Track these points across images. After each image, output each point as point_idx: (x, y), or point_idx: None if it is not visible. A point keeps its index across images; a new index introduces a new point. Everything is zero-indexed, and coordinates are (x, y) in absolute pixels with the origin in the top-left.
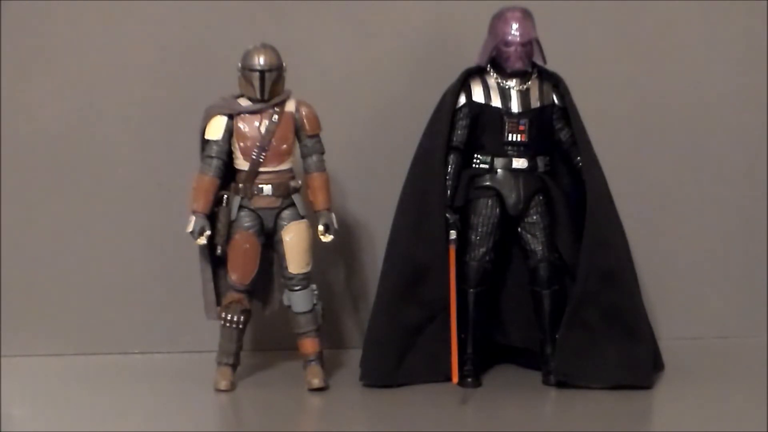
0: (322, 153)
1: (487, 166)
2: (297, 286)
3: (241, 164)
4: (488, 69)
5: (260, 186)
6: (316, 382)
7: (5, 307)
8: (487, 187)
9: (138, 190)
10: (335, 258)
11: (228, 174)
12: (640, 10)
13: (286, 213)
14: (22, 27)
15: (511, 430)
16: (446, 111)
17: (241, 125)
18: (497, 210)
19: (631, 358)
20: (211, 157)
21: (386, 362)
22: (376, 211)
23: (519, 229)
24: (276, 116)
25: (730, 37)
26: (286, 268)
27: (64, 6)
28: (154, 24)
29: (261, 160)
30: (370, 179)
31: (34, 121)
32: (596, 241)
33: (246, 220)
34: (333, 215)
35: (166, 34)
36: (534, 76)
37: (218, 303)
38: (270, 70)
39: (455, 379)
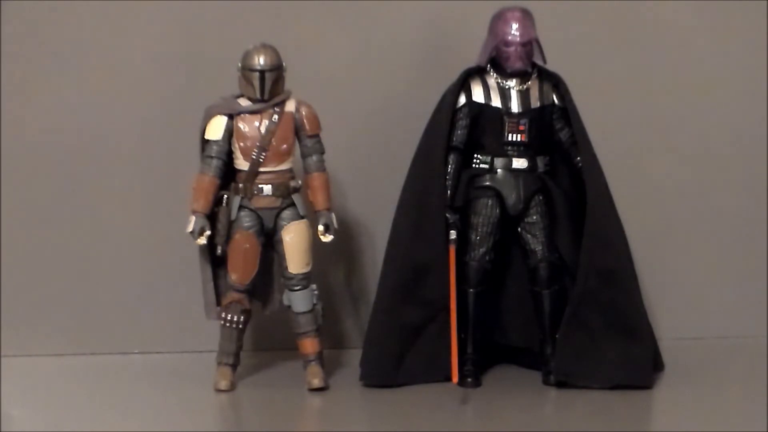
0: (322, 153)
1: (487, 166)
2: (297, 286)
3: (241, 164)
4: (488, 69)
5: (260, 186)
6: (316, 382)
7: (5, 307)
8: (487, 187)
9: (138, 190)
10: (335, 258)
11: (228, 174)
12: (641, 10)
13: (286, 213)
14: (23, 27)
15: (511, 430)
16: (446, 111)
17: (241, 125)
18: (497, 210)
19: (631, 358)
20: (211, 157)
21: (386, 362)
22: (376, 211)
23: (519, 229)
24: (276, 116)
25: (730, 38)
26: (286, 268)
27: (64, 6)
28: (155, 24)
29: (261, 160)
30: (370, 179)
31: (34, 121)
32: (596, 241)
33: (246, 220)
34: (333, 215)
35: (166, 33)
36: (534, 76)
37: (218, 303)
38: (270, 70)
39: (455, 379)
